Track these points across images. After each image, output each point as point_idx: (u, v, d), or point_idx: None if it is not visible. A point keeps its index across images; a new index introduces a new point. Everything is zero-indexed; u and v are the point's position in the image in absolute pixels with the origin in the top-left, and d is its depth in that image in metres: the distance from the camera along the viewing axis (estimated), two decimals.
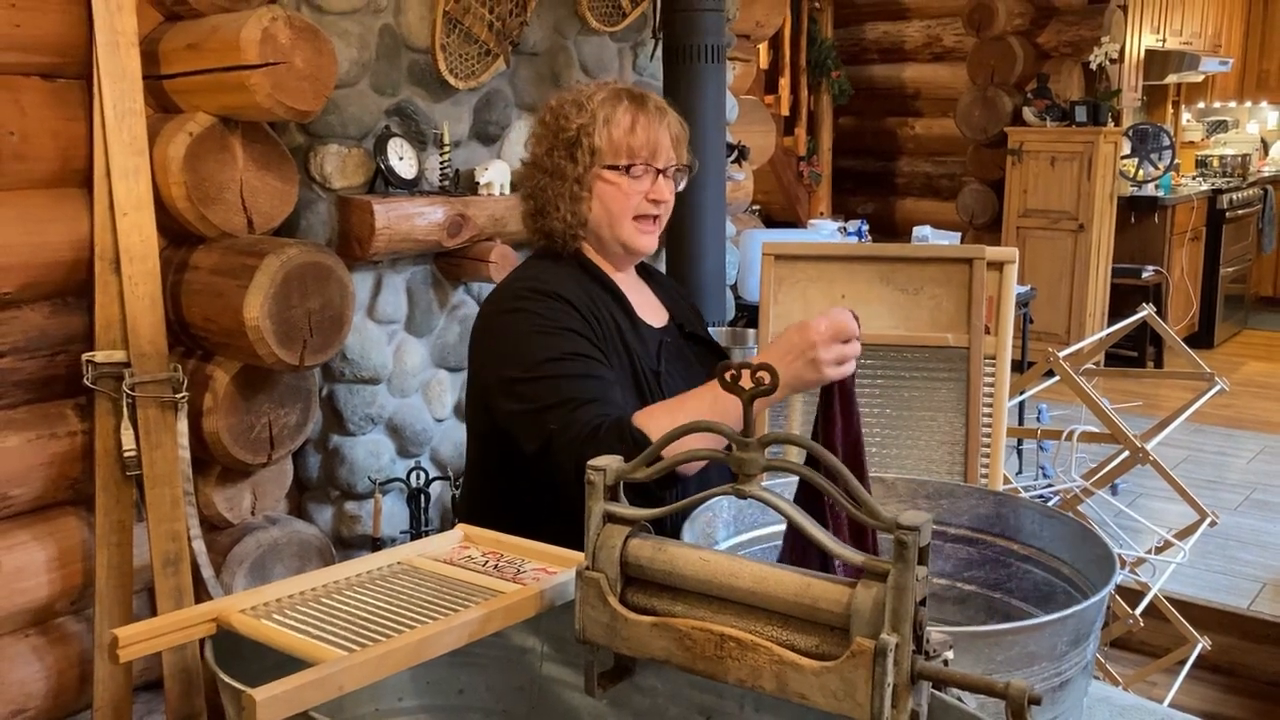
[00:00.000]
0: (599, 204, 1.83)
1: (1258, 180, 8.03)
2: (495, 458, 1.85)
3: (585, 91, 1.86)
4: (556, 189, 1.83)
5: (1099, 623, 1.26)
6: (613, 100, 1.83)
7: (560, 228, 1.84)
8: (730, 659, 1.01)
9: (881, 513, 0.97)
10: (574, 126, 1.81)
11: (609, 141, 1.81)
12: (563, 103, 1.86)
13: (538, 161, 1.86)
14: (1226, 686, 3.26)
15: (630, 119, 1.82)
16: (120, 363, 2.27)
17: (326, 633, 1.04)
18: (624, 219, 1.84)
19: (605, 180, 1.82)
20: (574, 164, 1.82)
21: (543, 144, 1.86)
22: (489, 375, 1.81)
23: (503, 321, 1.81)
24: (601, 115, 1.81)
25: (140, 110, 2.26)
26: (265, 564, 2.52)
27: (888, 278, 1.85)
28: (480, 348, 1.87)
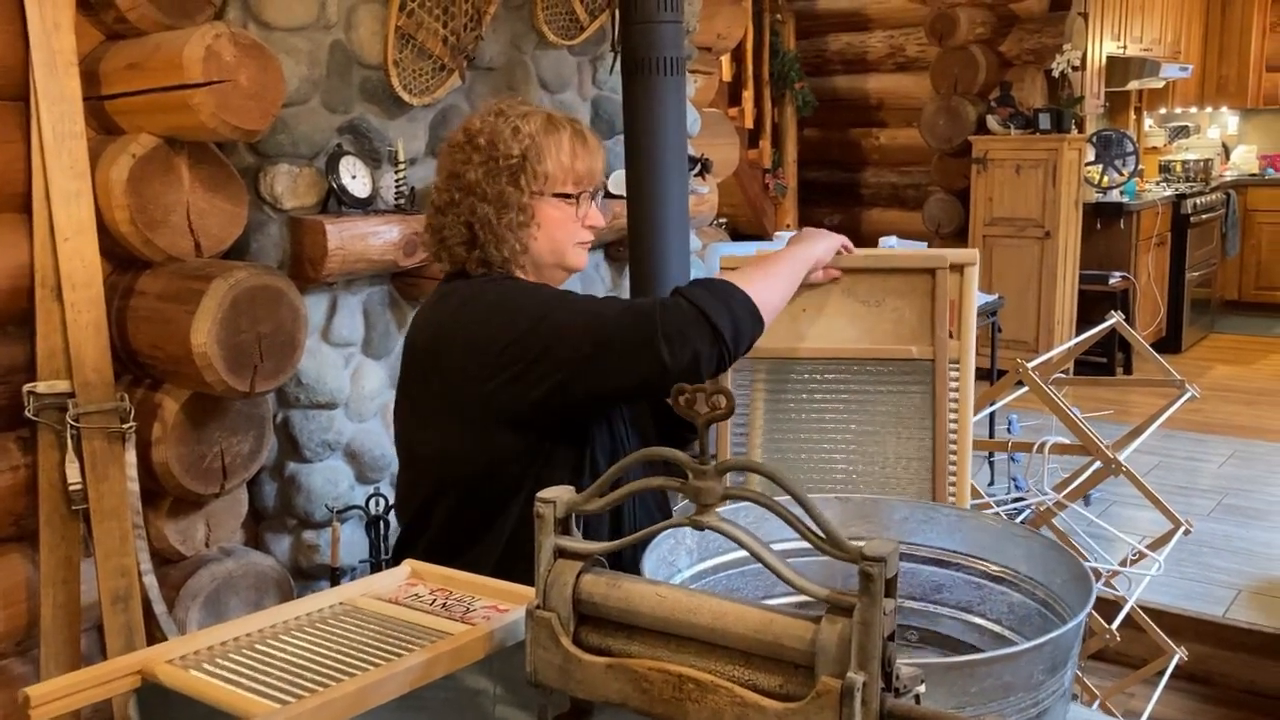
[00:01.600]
0: (544, 232, 1.77)
1: (1220, 185, 8.08)
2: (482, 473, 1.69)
3: (515, 114, 1.78)
4: (500, 217, 1.74)
5: (1077, 648, 1.21)
6: (551, 126, 1.79)
7: (499, 256, 1.75)
8: (690, 701, 0.95)
9: (846, 543, 0.92)
10: (516, 152, 1.74)
11: (559, 169, 1.77)
12: (492, 126, 1.77)
13: (472, 188, 1.74)
14: (1204, 696, 3.23)
15: (571, 147, 1.79)
16: (64, 393, 2.20)
17: (260, 683, 0.97)
18: (568, 245, 1.81)
19: (551, 208, 1.77)
20: (518, 191, 1.74)
21: (476, 169, 1.75)
22: (489, 341, 1.64)
23: (489, 296, 1.70)
24: (548, 142, 1.76)
25: (81, 132, 2.19)
26: (221, 597, 2.44)
27: (849, 290, 1.82)
28: (468, 326, 1.69)
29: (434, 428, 1.72)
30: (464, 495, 1.70)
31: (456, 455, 1.69)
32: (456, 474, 1.70)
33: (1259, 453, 5.17)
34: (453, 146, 1.80)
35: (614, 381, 1.62)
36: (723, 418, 0.97)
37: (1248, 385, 6.53)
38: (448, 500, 1.72)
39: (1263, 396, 6.25)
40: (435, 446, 1.72)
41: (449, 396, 1.69)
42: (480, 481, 1.69)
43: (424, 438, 1.75)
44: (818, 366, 1.85)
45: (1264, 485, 4.71)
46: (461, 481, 1.70)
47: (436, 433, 1.71)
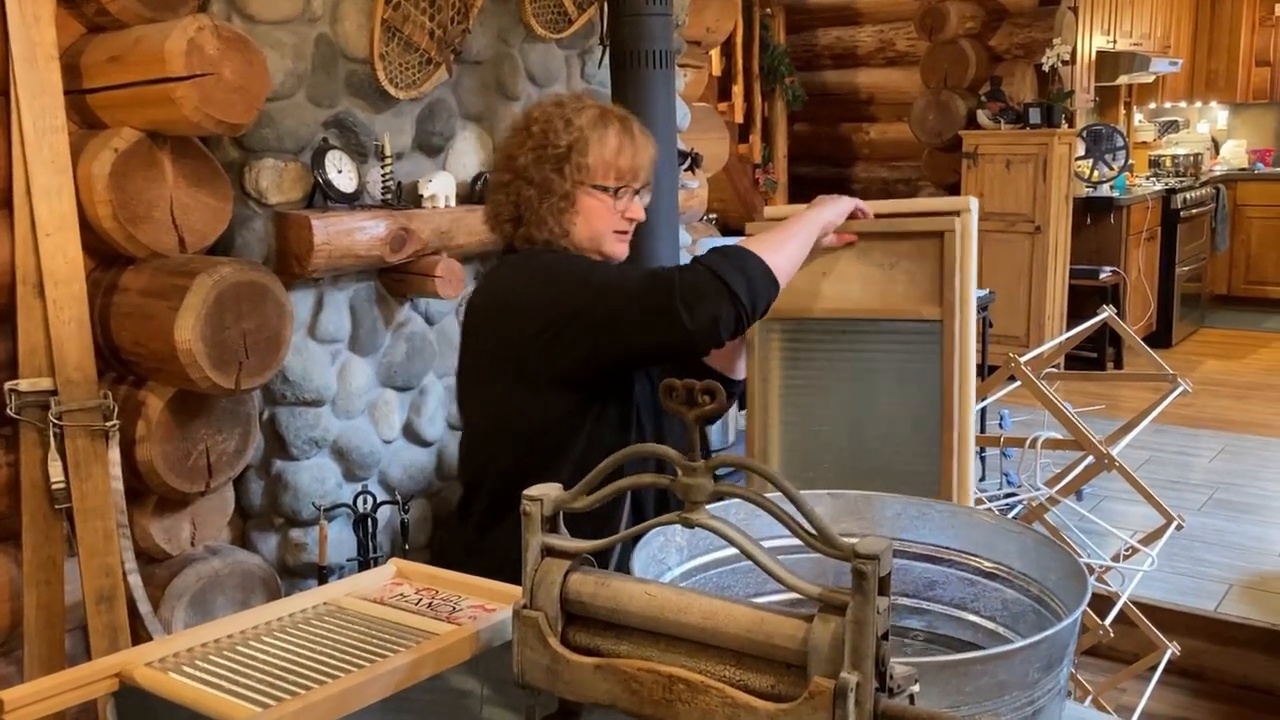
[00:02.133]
0: (583, 219, 1.90)
1: (1210, 179, 8.08)
2: (538, 425, 1.83)
3: (571, 107, 1.92)
4: (543, 201, 1.88)
5: (1072, 645, 1.19)
6: (601, 122, 1.91)
7: (540, 236, 1.90)
8: (680, 702, 0.93)
9: (838, 540, 0.90)
10: (564, 143, 1.88)
11: (600, 162, 1.89)
12: (549, 115, 1.91)
13: (522, 171, 1.89)
14: (1196, 691, 3.22)
15: (618, 143, 1.91)
16: (46, 391, 2.17)
17: (241, 686, 0.95)
18: (606, 233, 1.93)
19: (591, 198, 1.90)
20: (562, 179, 1.87)
21: (527, 154, 1.90)
22: (545, 306, 1.79)
23: (543, 264, 1.86)
24: (594, 136, 1.89)
25: (62, 126, 2.16)
26: (207, 597, 2.42)
27: (864, 253, 1.90)
28: (525, 293, 1.83)
29: (493, 386, 1.87)
30: (522, 450, 1.84)
31: (514, 412, 1.84)
32: (514, 429, 1.84)
33: (1249, 447, 5.17)
34: (513, 130, 1.97)
35: (639, 344, 1.75)
36: (714, 413, 0.95)
37: (1238, 380, 6.53)
38: (507, 455, 1.86)
39: (1253, 391, 6.26)
40: (494, 404, 1.87)
41: (505, 357, 1.83)
42: (536, 437, 1.83)
43: (485, 397, 1.90)
44: (832, 325, 1.95)
45: (1255, 480, 4.70)
46: (519, 436, 1.84)
47: (496, 391, 1.86)
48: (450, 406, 3.06)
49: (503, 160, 1.95)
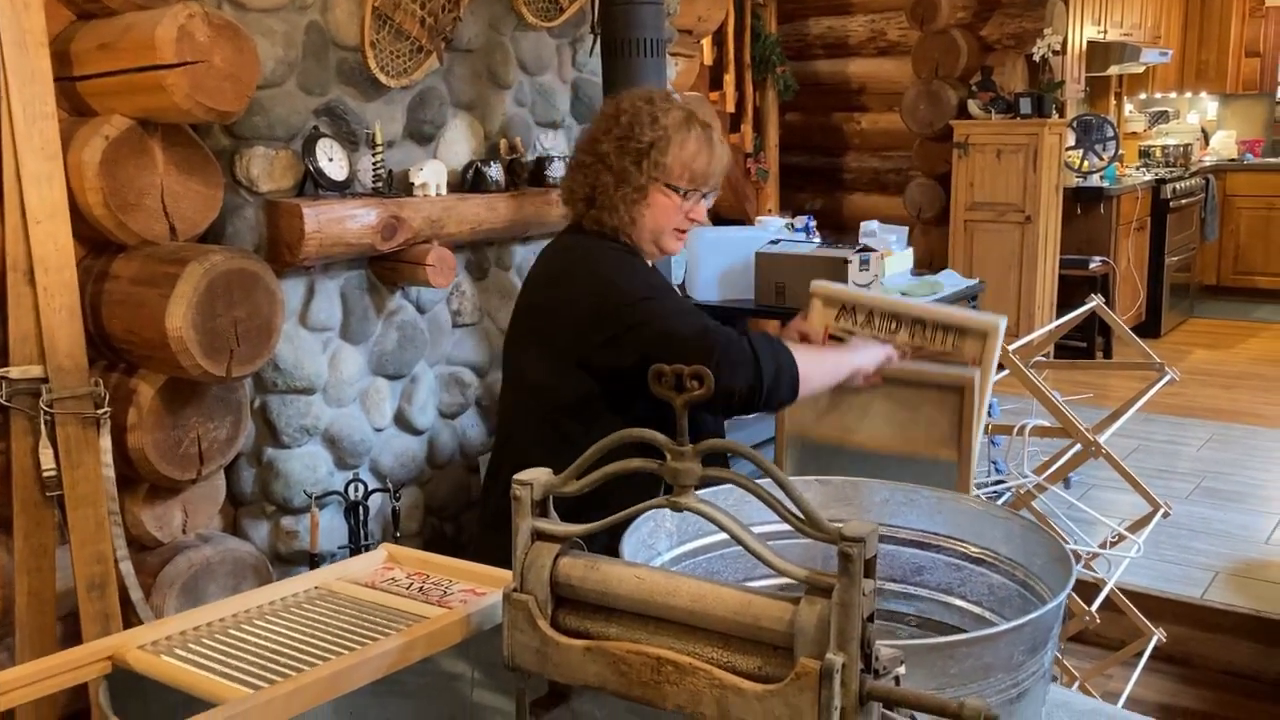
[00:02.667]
0: (651, 212, 2.04)
1: (1199, 170, 8.11)
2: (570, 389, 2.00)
3: (660, 105, 2.05)
4: (618, 189, 2.01)
5: (1057, 629, 1.21)
6: (685, 125, 2.05)
7: (610, 222, 2.04)
8: (668, 684, 0.94)
9: (825, 524, 0.91)
10: (647, 139, 2.01)
11: (677, 162, 2.03)
12: (637, 109, 2.04)
13: (603, 157, 2.03)
14: (1182, 677, 3.25)
15: (696, 148, 2.04)
16: (37, 378, 2.17)
17: (233, 669, 0.96)
18: (668, 229, 2.08)
19: (662, 194, 2.03)
20: (639, 172, 2.01)
21: (611, 142, 2.03)
22: (598, 297, 1.97)
23: (609, 259, 2.02)
24: (676, 137, 2.02)
25: (52, 113, 2.16)
26: (198, 584, 2.42)
27: (890, 394, 2.05)
28: (583, 278, 2.02)
29: (541, 358, 2.04)
30: (549, 419, 2.02)
31: (552, 384, 2.01)
32: (549, 400, 2.02)
33: (1237, 436, 5.20)
34: (601, 116, 2.11)
35: None
36: (702, 399, 0.96)
37: (1226, 369, 6.57)
38: (535, 419, 2.04)
39: (1241, 380, 6.29)
40: (537, 373, 2.04)
41: (558, 338, 2.00)
42: (565, 410, 2.00)
43: (531, 363, 2.07)
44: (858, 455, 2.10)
45: (1242, 468, 4.73)
46: (550, 406, 2.02)
47: (543, 363, 2.04)
48: (441, 395, 3.06)
49: (586, 143, 2.09)
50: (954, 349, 2.00)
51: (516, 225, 3.05)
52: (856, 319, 2.07)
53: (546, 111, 3.28)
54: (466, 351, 3.13)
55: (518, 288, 3.23)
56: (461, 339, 3.11)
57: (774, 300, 3.99)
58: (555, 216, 3.15)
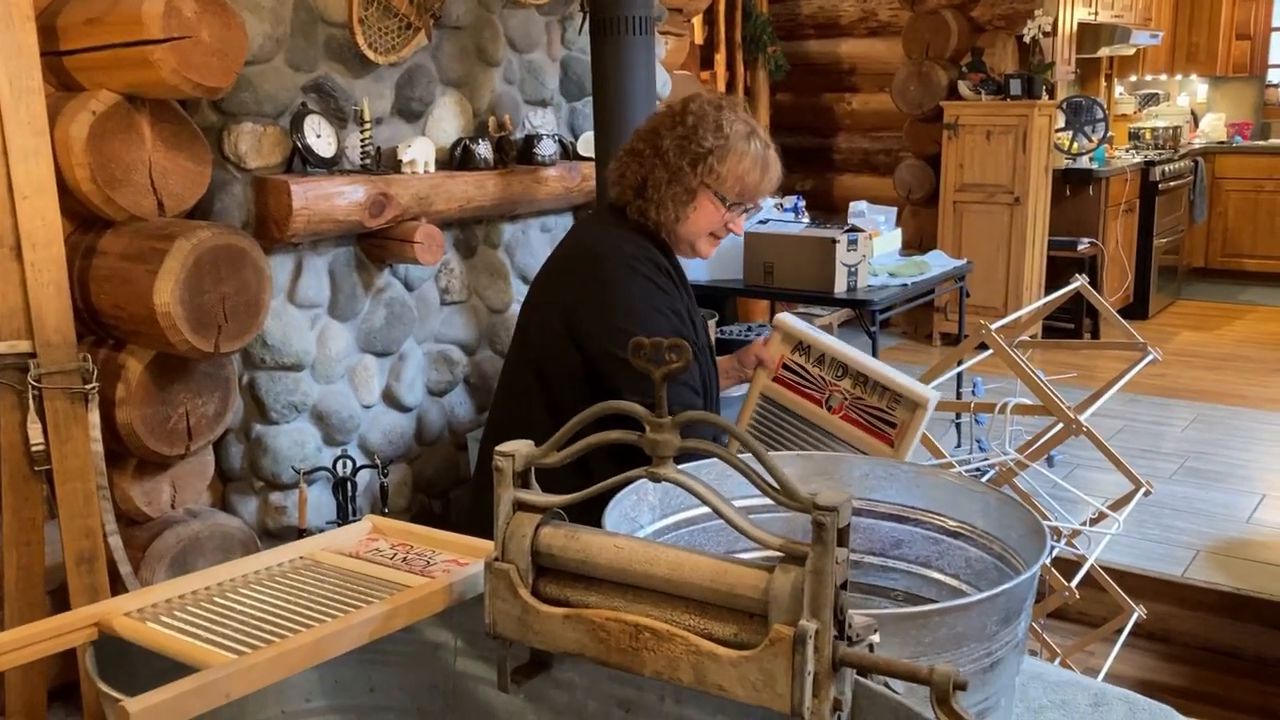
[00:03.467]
0: (695, 215, 2.08)
1: (1188, 152, 8.12)
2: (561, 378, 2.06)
3: (726, 113, 2.08)
4: (669, 186, 2.04)
5: (1030, 600, 1.23)
6: (747, 139, 2.07)
7: (655, 217, 2.07)
8: (646, 650, 0.96)
9: (799, 492, 0.92)
10: (708, 144, 2.04)
11: (730, 176, 2.06)
12: (704, 113, 2.06)
13: (662, 152, 2.05)
14: (1162, 654, 3.28)
15: (753, 164, 2.08)
16: (25, 353, 2.17)
17: (218, 635, 0.97)
18: (704, 234, 2.12)
19: (709, 201, 2.07)
20: (693, 174, 2.04)
21: (673, 139, 2.05)
22: (592, 315, 2.03)
23: (620, 276, 2.05)
24: (736, 149, 2.05)
25: (38, 88, 2.16)
26: (187, 559, 2.44)
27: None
28: (587, 287, 2.06)
29: (551, 325, 2.08)
30: (544, 386, 2.07)
31: (558, 350, 2.05)
32: (548, 366, 2.07)
33: (1221, 416, 5.23)
34: (666, 111, 2.13)
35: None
36: (680, 370, 0.97)
37: (1213, 351, 6.60)
38: (531, 380, 2.09)
39: (1227, 362, 6.33)
40: (544, 337, 2.08)
41: (569, 318, 2.05)
42: (563, 380, 2.05)
43: (542, 324, 2.10)
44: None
45: (1225, 448, 4.77)
46: (547, 373, 2.07)
47: (550, 331, 2.08)
48: (429, 372, 3.08)
49: (647, 133, 2.10)
50: (888, 408, 2.03)
51: (505, 203, 3.06)
52: (810, 357, 2.11)
53: (535, 89, 3.28)
54: (455, 329, 3.14)
55: (506, 266, 3.24)
56: (450, 317, 3.12)
57: (762, 280, 4.00)
58: (543, 195, 3.16)
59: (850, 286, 3.93)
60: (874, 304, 3.88)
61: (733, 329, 3.66)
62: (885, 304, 3.96)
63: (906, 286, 4.12)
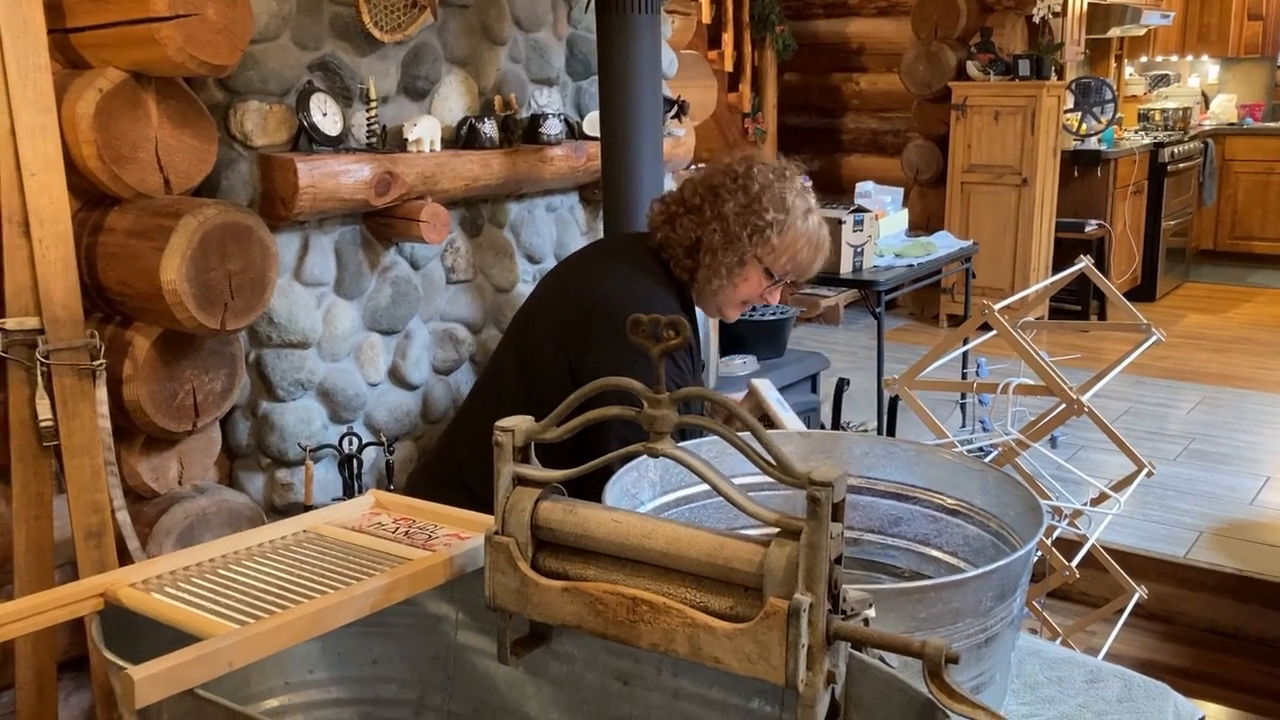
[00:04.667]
0: (740, 285, 2.03)
1: (1198, 134, 8.09)
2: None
3: (790, 185, 2.04)
4: (724, 254, 1.99)
5: (1026, 576, 1.24)
6: (805, 216, 2.04)
7: (704, 286, 2.03)
8: (643, 623, 0.97)
9: (794, 468, 0.94)
10: (769, 217, 1.99)
11: (785, 253, 2.02)
12: (770, 183, 2.01)
13: (721, 216, 2.00)
14: (1164, 634, 3.30)
15: (808, 242, 2.03)
16: (33, 330, 2.18)
17: (221, 606, 0.99)
18: (738, 302, 2.09)
19: (755, 272, 2.02)
20: (748, 244, 1.99)
21: (736, 205, 1.99)
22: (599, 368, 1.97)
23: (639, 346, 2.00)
24: (794, 225, 2.01)
25: (45, 65, 2.16)
26: (194, 534, 2.45)
27: None
28: (606, 345, 1.98)
29: (557, 363, 2.05)
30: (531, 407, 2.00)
31: (558, 384, 1.99)
32: (544, 394, 1.97)
33: (1227, 399, 5.23)
34: (729, 170, 2.05)
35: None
36: (677, 347, 0.98)
37: (1220, 333, 6.59)
38: (520, 394, 2.08)
39: (1234, 344, 6.32)
40: (547, 370, 2.06)
41: (576, 363, 2.01)
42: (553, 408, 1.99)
43: (547, 359, 2.07)
44: None
45: (1230, 431, 4.77)
46: (541, 400, 2.03)
47: (553, 367, 2.05)
48: (435, 351, 3.09)
49: (707, 191, 2.04)
50: None
51: (510, 182, 3.07)
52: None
53: (541, 68, 3.28)
54: (460, 308, 3.15)
55: (512, 245, 3.25)
56: (455, 295, 3.13)
57: None
58: (549, 174, 3.16)
59: (856, 267, 3.94)
60: (880, 284, 3.89)
61: None
62: (891, 285, 3.96)
63: (913, 267, 4.12)
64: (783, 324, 3.59)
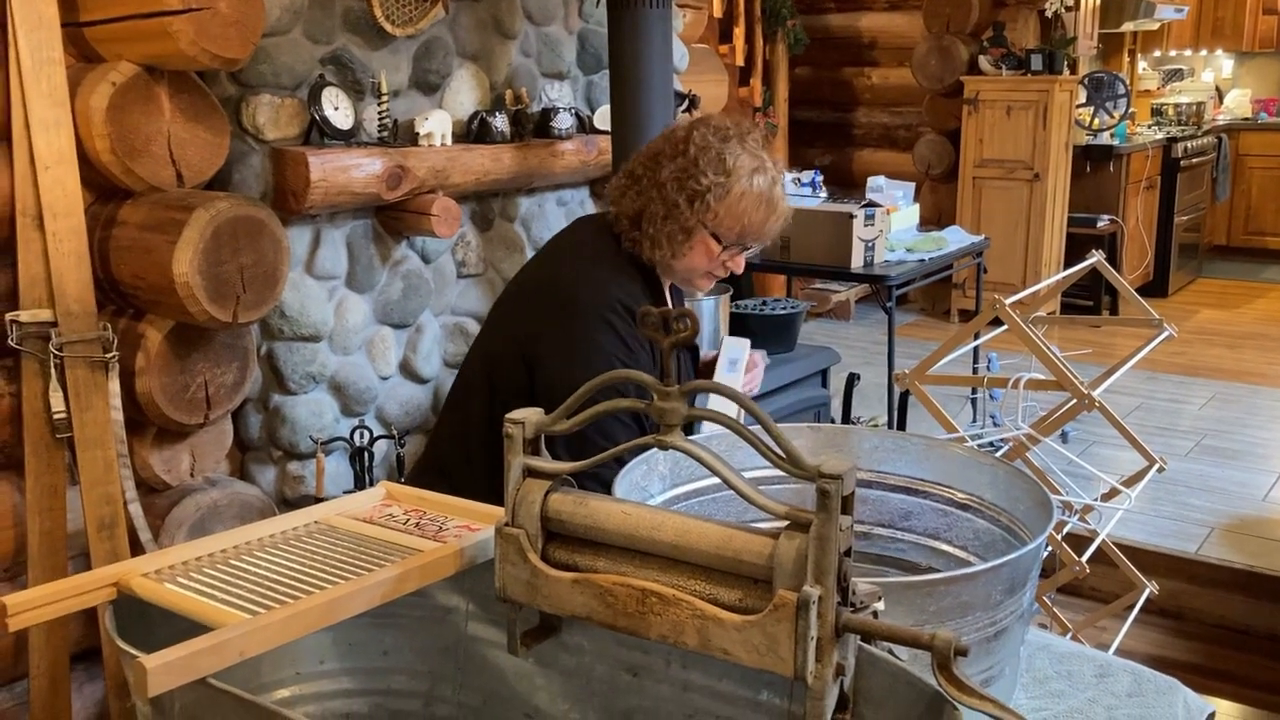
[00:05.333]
0: (690, 254, 1.95)
1: (1212, 129, 8.05)
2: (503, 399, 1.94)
3: (732, 148, 1.92)
4: (665, 224, 1.92)
5: (1035, 570, 1.24)
6: (751, 175, 1.91)
7: (650, 254, 1.96)
8: (652, 614, 0.98)
9: (804, 460, 0.94)
10: (705, 183, 1.90)
11: (730, 216, 1.92)
12: (707, 144, 1.92)
13: (659, 185, 1.92)
14: (1174, 630, 3.29)
15: (755, 204, 1.92)
16: (47, 322, 2.20)
17: (232, 596, 1.00)
18: (701, 273, 2.00)
19: (702, 239, 1.94)
20: (690, 212, 1.91)
21: (673, 172, 1.91)
22: (552, 353, 1.92)
23: (590, 324, 1.92)
24: (737, 187, 1.90)
25: (59, 59, 2.17)
26: (205, 526, 2.46)
27: None
28: (554, 325, 1.93)
29: (510, 344, 2.00)
30: (492, 395, 2.00)
31: (511, 366, 1.97)
32: (498, 380, 2.00)
33: (1239, 395, 5.21)
34: (669, 136, 1.98)
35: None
36: (688, 339, 0.98)
37: (1232, 329, 6.57)
38: (480, 384, 2.03)
39: (1247, 340, 6.29)
40: (502, 350, 2.01)
41: (529, 345, 1.96)
42: (509, 395, 1.93)
43: (505, 338, 2.03)
44: None
45: (1242, 427, 4.76)
46: (497, 386, 2.00)
47: (508, 347, 2.00)
48: (446, 344, 3.10)
49: (648, 159, 1.98)
50: None
51: (521, 176, 3.07)
52: None
53: (552, 62, 3.28)
54: (471, 302, 3.15)
55: (522, 239, 3.25)
56: (466, 289, 3.14)
57: (778, 254, 4.01)
58: (559, 168, 3.17)
59: (867, 262, 3.93)
60: (891, 279, 3.88)
61: (748, 303, 3.66)
62: (902, 279, 3.96)
63: (924, 262, 4.11)
64: (793, 318, 3.59)
